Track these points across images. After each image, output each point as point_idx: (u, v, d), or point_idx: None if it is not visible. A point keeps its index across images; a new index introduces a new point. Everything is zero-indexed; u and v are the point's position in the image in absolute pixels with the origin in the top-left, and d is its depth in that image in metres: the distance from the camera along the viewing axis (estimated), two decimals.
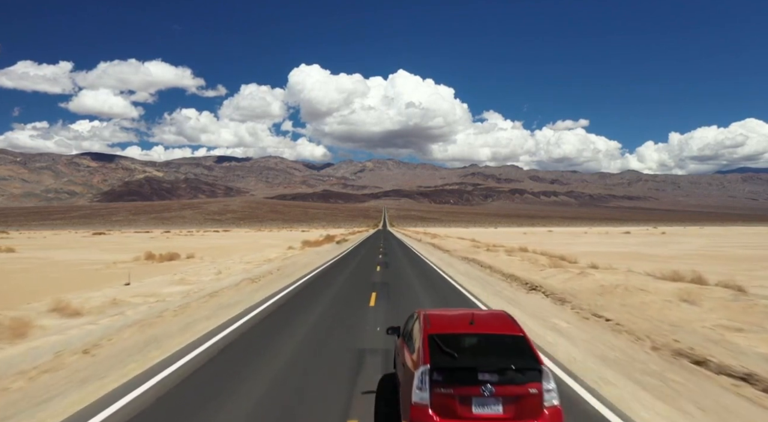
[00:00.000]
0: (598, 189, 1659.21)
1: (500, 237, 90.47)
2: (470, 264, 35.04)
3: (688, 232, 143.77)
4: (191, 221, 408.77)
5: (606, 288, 17.73)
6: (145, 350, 11.04)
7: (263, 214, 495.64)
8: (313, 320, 14.80)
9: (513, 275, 25.36)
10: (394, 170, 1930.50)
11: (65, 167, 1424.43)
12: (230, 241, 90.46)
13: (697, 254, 46.54)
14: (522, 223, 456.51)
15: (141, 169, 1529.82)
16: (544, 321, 14.61)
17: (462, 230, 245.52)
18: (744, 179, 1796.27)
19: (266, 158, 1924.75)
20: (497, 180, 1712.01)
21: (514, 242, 64.25)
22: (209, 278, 24.63)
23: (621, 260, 33.92)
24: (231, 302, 17.98)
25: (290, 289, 22.00)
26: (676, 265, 27.45)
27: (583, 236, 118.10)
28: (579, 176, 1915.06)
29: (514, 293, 20.72)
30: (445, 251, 49.69)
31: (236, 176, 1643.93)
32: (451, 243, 63.09)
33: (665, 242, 73.98)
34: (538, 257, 33.53)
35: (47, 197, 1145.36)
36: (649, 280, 19.48)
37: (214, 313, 15.82)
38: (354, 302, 18.02)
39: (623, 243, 72.91)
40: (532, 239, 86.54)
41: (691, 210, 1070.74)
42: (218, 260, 37.84)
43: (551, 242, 77.34)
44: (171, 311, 15.62)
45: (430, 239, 79.61)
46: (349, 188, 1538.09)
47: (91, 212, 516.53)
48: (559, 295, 18.07)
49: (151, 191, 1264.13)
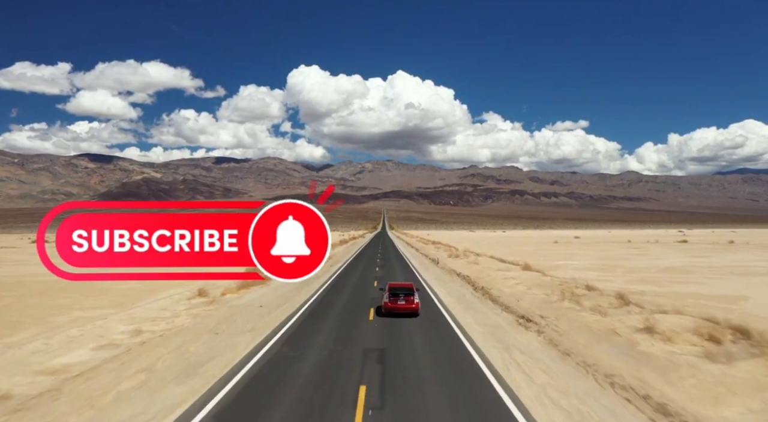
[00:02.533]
0: (599, 190, 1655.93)
1: (516, 245, 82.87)
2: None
3: (723, 237, 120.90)
4: None
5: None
6: None
7: None
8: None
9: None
10: (393, 171, 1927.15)
11: (63, 168, 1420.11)
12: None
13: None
14: (525, 225, 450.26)
15: (139, 170, 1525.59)
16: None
17: (467, 233, 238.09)
18: (744, 180, 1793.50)
19: (265, 159, 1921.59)
20: (497, 181, 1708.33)
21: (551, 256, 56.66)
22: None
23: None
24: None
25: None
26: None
27: (618, 246, 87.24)
28: (579, 177, 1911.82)
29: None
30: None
31: (235, 177, 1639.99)
32: (498, 281, 32.51)
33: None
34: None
35: (44, 198, 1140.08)
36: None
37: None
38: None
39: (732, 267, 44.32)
40: (572, 249, 74.64)
41: (692, 211, 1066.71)
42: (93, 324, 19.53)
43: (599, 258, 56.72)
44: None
45: (452, 263, 49.57)
46: (348, 189, 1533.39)
47: None
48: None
49: (148, 192, 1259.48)
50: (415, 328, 18.72)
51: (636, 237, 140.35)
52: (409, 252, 75.59)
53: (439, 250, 72.98)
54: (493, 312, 22.98)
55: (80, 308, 23.62)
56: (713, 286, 30.44)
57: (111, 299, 26.10)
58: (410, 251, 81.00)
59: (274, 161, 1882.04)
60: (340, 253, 71.86)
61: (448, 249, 71.05)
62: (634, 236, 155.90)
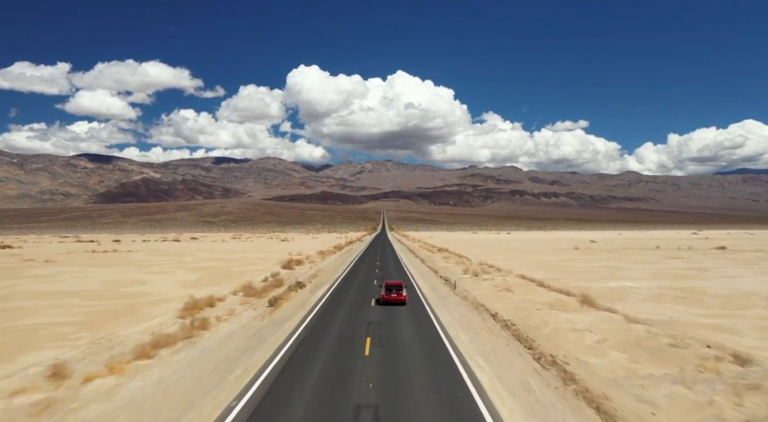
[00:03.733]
0: (599, 190, 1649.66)
1: (526, 251, 74.01)
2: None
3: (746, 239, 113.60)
4: (183, 223, 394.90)
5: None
6: None
7: (258, 216, 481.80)
8: None
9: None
10: (393, 171, 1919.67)
11: (62, 168, 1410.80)
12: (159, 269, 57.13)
13: None
14: (527, 226, 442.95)
15: (138, 170, 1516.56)
16: None
17: (470, 235, 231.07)
18: (744, 181, 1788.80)
19: (265, 159, 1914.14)
20: (497, 181, 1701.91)
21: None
22: None
23: None
24: None
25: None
26: None
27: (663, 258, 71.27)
28: (579, 178, 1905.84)
29: None
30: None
31: (234, 178, 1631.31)
32: (566, 336, 21.52)
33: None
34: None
35: (42, 198, 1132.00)
36: None
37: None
38: None
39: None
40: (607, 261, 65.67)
41: (693, 211, 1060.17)
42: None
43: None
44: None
45: (473, 286, 38.69)
46: (347, 190, 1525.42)
47: (80, 214, 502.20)
48: None
49: (147, 193, 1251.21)
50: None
51: (660, 241, 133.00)
52: (412, 264, 64.03)
53: (448, 261, 62.87)
54: None
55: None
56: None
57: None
58: (414, 261, 69.09)
59: (274, 162, 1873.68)
60: (331, 266, 58.74)
61: (460, 261, 61.29)
62: (654, 239, 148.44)
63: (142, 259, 72.60)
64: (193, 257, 77.99)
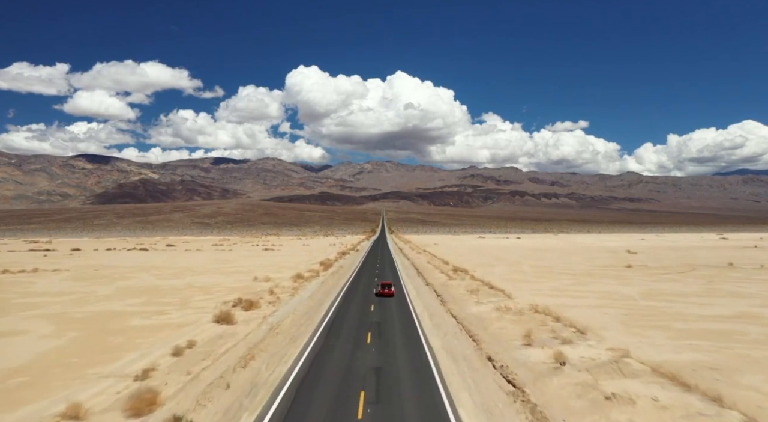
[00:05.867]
0: (599, 191, 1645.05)
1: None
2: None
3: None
4: (178, 224, 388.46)
5: None
6: None
7: (256, 217, 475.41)
8: None
9: None
10: (392, 171, 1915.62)
11: (60, 168, 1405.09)
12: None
13: None
14: (533, 228, 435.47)
15: (137, 171, 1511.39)
16: None
17: (480, 241, 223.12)
18: (745, 181, 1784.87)
19: (264, 160, 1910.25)
20: (497, 182, 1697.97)
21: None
22: None
23: None
24: None
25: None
26: None
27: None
28: (579, 178, 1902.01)
29: None
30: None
31: (233, 178, 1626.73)
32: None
33: None
34: None
35: (39, 199, 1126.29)
36: None
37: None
38: None
39: None
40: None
41: (695, 212, 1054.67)
42: None
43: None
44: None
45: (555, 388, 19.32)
46: (347, 190, 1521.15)
47: (74, 215, 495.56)
48: None
49: (145, 193, 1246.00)
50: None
51: (707, 250, 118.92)
52: (421, 303, 42.57)
53: (477, 295, 43.58)
54: None
55: None
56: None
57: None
58: (423, 291, 50.82)
59: (273, 162, 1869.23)
60: (298, 314, 36.43)
61: (492, 291, 45.73)
62: (691, 246, 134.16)
63: (44, 290, 51.18)
64: (125, 283, 56.63)
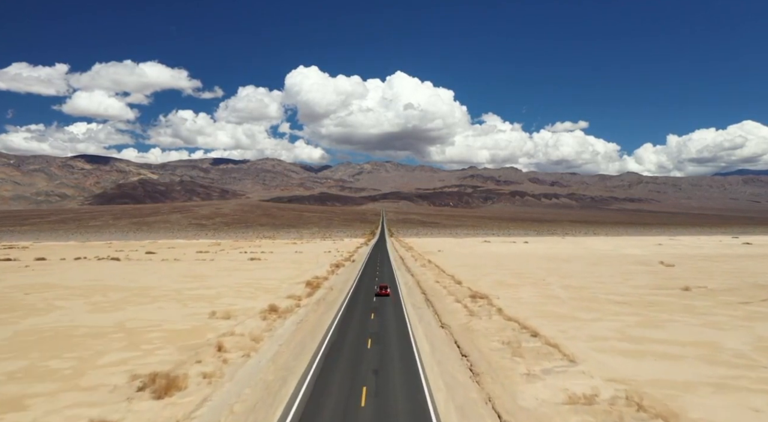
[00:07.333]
0: (599, 191, 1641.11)
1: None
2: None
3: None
4: (175, 225, 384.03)
5: None
6: None
7: (254, 218, 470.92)
8: None
9: None
10: (392, 172, 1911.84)
11: (59, 169, 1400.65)
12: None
13: None
14: (537, 230, 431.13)
15: (136, 171, 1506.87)
16: None
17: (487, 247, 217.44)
18: (745, 181, 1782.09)
19: (263, 160, 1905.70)
20: (497, 182, 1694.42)
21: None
22: None
23: None
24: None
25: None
26: None
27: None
28: (579, 179, 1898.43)
29: None
30: None
31: (233, 179, 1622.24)
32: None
33: None
34: None
35: (37, 199, 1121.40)
36: None
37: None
38: None
39: None
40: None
41: (696, 212, 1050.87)
42: None
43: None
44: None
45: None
46: (346, 191, 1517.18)
47: (70, 216, 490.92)
48: None
49: (144, 194, 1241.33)
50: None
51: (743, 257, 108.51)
52: (442, 381, 24.04)
53: (522, 356, 27.46)
54: None
55: None
56: None
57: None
58: (438, 343, 32.33)
59: (273, 163, 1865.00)
60: (279, 362, 26.89)
61: (540, 345, 29.90)
62: (723, 251, 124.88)
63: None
64: (36, 320, 39.28)
